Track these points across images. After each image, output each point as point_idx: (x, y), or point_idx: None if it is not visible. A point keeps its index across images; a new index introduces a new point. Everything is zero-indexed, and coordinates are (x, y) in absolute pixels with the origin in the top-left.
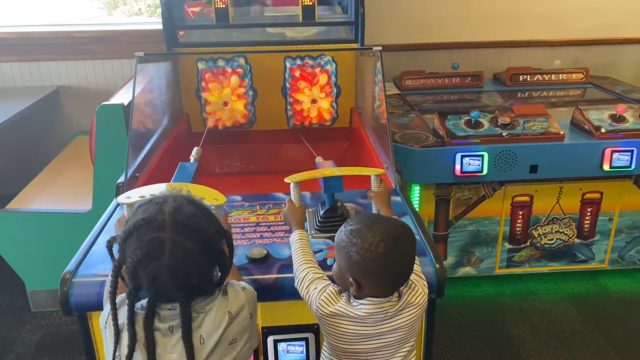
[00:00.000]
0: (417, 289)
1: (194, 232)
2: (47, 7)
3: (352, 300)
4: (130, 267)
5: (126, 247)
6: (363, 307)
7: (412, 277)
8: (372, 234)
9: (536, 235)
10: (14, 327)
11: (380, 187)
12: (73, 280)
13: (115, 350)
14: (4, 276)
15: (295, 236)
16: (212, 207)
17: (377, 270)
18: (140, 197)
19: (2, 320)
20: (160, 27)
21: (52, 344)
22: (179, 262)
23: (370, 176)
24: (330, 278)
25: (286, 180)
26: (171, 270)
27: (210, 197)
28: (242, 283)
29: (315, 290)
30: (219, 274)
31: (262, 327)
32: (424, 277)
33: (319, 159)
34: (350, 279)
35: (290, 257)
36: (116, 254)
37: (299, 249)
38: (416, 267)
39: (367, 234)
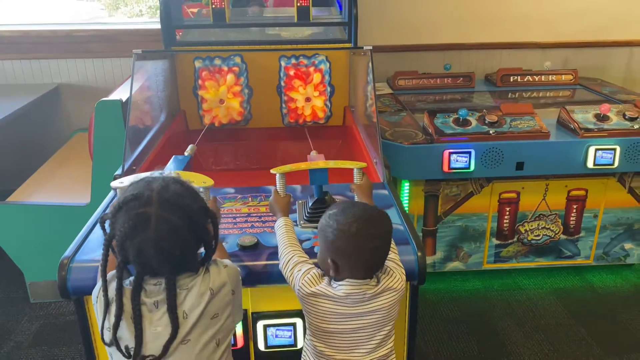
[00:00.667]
0: (395, 275)
1: (179, 209)
2: (48, 9)
3: (332, 283)
4: (118, 240)
5: (115, 221)
6: (342, 287)
7: (390, 264)
8: (347, 215)
9: (523, 231)
10: (13, 317)
11: (362, 180)
12: (71, 265)
13: (104, 321)
14: (3, 268)
15: (280, 222)
16: (201, 189)
17: (350, 248)
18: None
19: (2, 310)
20: (158, 26)
21: (50, 334)
22: (163, 235)
23: (351, 164)
24: (315, 264)
25: (272, 171)
26: (156, 243)
27: (198, 180)
28: (226, 261)
29: (299, 272)
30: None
31: (252, 313)
32: (402, 266)
33: (312, 153)
34: (329, 260)
35: None
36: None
37: (284, 234)
38: (394, 256)
39: (342, 216)
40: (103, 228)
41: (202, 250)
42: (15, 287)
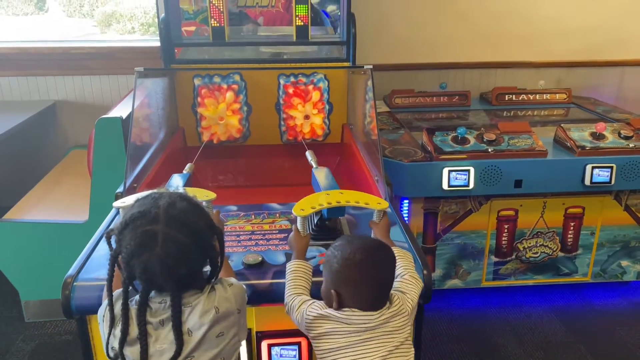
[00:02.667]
0: (398, 302)
1: (186, 226)
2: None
3: (339, 309)
4: (124, 257)
5: (122, 238)
6: (347, 311)
7: (402, 285)
8: (351, 246)
9: (521, 249)
10: (7, 337)
11: (382, 220)
12: (75, 284)
13: (109, 338)
14: None
15: (290, 265)
16: (204, 202)
17: (353, 277)
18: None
19: None
20: (154, 44)
21: (45, 354)
22: (169, 253)
23: (373, 204)
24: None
25: (294, 212)
26: (162, 260)
27: (200, 194)
28: (231, 279)
29: (304, 304)
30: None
31: (257, 332)
32: (418, 278)
33: (307, 153)
34: (332, 291)
35: (285, 263)
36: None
37: (292, 279)
38: (409, 271)
39: (346, 247)
40: (109, 243)
41: (207, 267)
42: (9, 305)
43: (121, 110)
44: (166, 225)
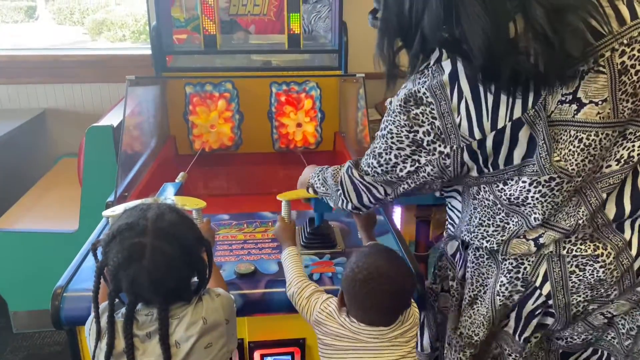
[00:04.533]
0: (413, 318)
1: (174, 239)
2: (33, 34)
3: (350, 317)
4: (111, 269)
5: (109, 250)
6: (355, 324)
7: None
8: (365, 260)
9: None
10: None
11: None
12: (64, 294)
13: (95, 350)
14: None
15: (288, 252)
16: (194, 211)
17: (350, 290)
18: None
19: None
20: (145, 52)
21: None
22: (157, 266)
23: None
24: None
25: (278, 197)
26: (150, 273)
27: (191, 203)
28: (219, 289)
29: (318, 300)
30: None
31: (249, 342)
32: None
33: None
34: (340, 290)
35: (277, 272)
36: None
37: (293, 263)
38: None
39: (361, 258)
40: (95, 255)
41: (195, 279)
42: None
43: (112, 119)
44: (154, 238)
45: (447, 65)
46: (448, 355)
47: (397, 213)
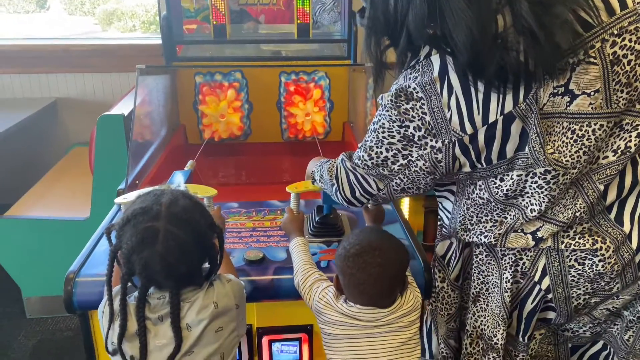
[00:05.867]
0: (408, 294)
1: (187, 224)
2: (44, 24)
3: (347, 302)
4: (125, 253)
5: (123, 234)
6: (354, 309)
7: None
8: (356, 237)
9: None
10: (9, 333)
11: (374, 206)
12: (77, 279)
13: (108, 332)
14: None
15: (298, 241)
16: (205, 199)
17: (347, 269)
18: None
19: None
20: (156, 42)
21: (47, 350)
22: (170, 250)
23: None
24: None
25: (287, 189)
26: (163, 257)
27: (202, 191)
28: (230, 275)
29: (318, 288)
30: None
31: (257, 328)
32: (415, 286)
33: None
34: (335, 276)
35: (286, 259)
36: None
37: (301, 252)
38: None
39: (353, 236)
40: (109, 239)
41: (207, 264)
42: (11, 302)
43: (123, 108)
44: (168, 223)
45: (435, 60)
46: None
47: (405, 203)
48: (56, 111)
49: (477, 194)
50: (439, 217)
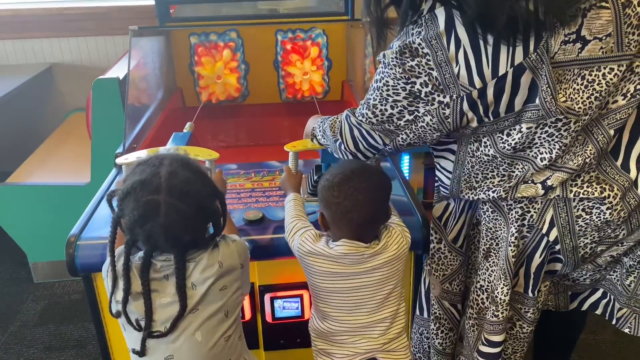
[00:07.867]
0: (395, 233)
1: (188, 196)
2: None
3: (329, 243)
4: (127, 224)
5: (124, 206)
6: (339, 248)
7: (392, 223)
8: (338, 168)
9: None
10: (17, 297)
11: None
12: (78, 243)
13: (112, 295)
14: (6, 248)
15: (290, 197)
16: (207, 162)
17: (332, 199)
18: (137, 158)
19: (6, 290)
20: (151, 3)
21: (55, 313)
22: (173, 222)
23: None
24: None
25: (285, 148)
26: (165, 229)
27: (203, 154)
28: (234, 236)
29: (299, 232)
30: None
31: (259, 286)
32: (404, 226)
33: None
34: (319, 212)
35: (284, 219)
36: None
37: (292, 207)
38: (397, 219)
39: (333, 169)
40: (111, 206)
41: (210, 227)
42: (18, 267)
43: (118, 71)
44: (168, 195)
45: (440, 13)
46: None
47: (405, 161)
48: (52, 77)
49: (482, 151)
50: (436, 178)
